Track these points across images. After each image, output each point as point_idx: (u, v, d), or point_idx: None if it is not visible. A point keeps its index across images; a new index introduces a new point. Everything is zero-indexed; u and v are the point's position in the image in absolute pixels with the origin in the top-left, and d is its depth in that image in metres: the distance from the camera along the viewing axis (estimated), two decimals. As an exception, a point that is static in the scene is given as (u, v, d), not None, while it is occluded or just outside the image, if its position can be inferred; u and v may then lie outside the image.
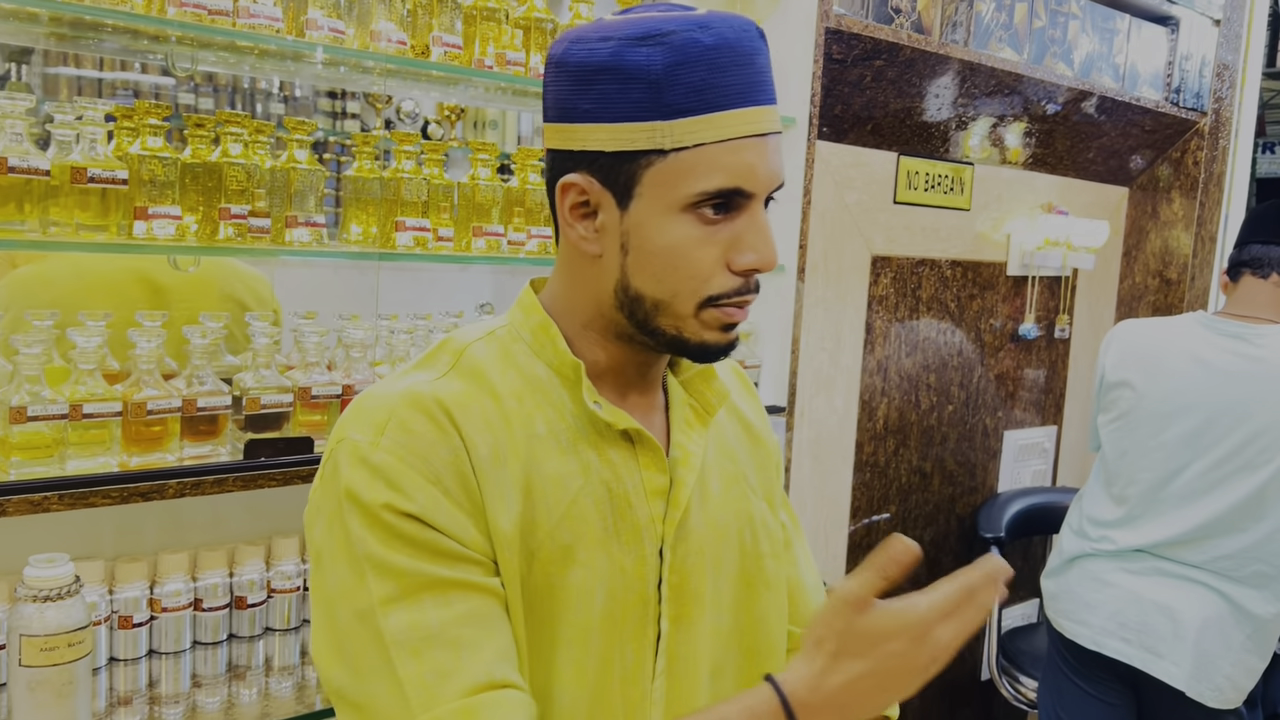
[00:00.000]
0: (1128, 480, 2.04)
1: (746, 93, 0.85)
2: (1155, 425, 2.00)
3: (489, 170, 1.91)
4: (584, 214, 0.89)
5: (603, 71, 0.84)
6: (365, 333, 1.73)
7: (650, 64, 0.83)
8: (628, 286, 0.88)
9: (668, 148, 0.83)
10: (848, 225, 2.43)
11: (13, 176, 1.37)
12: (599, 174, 0.87)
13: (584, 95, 0.86)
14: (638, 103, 0.83)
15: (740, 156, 0.84)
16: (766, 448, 1.11)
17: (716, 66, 0.83)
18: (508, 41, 1.84)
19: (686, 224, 0.85)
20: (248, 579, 1.68)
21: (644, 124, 0.84)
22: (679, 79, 0.83)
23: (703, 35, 0.83)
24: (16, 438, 1.38)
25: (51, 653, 1.31)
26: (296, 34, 1.64)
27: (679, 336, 0.89)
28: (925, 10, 2.37)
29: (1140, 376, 2.04)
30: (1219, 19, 3.11)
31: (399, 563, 0.81)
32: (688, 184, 0.84)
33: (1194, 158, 3.11)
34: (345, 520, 0.83)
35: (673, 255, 0.86)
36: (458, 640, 0.80)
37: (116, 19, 1.47)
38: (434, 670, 0.79)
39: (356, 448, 0.84)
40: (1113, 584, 2.02)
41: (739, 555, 1.02)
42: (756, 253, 0.86)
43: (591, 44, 0.86)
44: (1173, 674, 1.92)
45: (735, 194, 0.85)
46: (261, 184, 1.63)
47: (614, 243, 0.88)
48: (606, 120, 0.85)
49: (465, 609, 0.82)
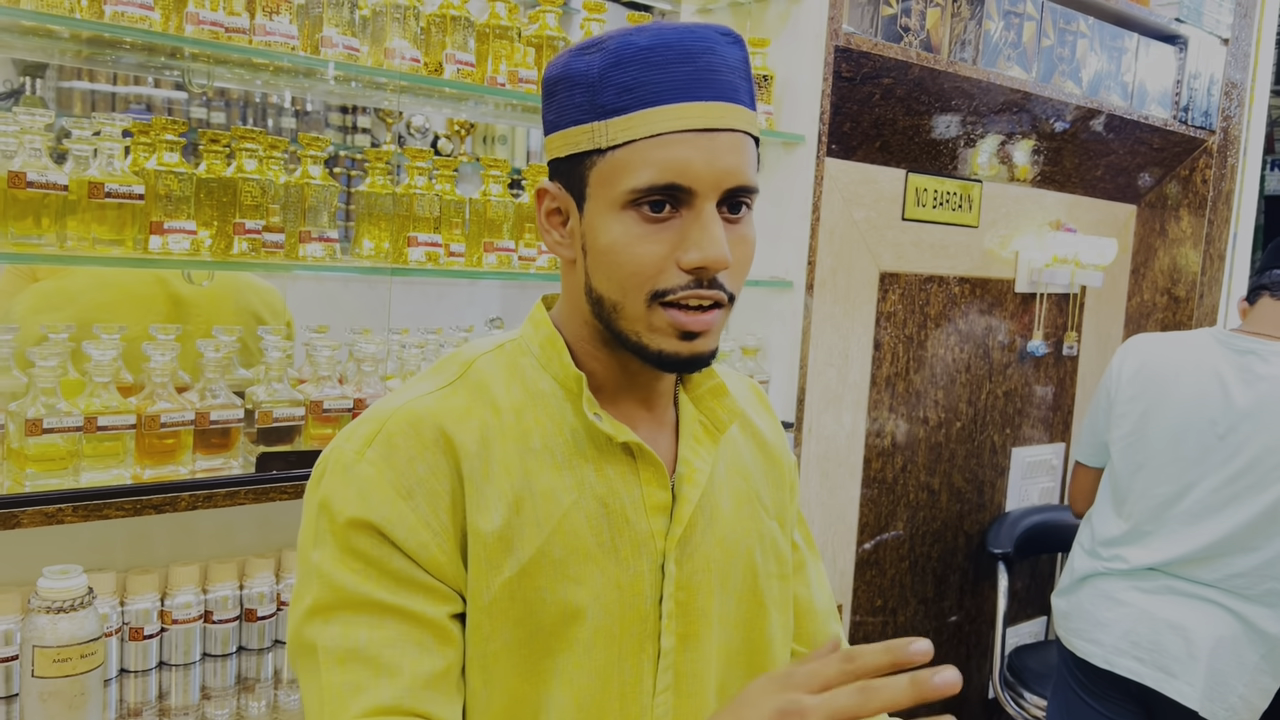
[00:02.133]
0: (1140, 496, 2.03)
1: (685, 88, 0.84)
2: (1170, 441, 1.99)
3: (500, 186, 1.92)
4: (560, 220, 0.93)
5: (558, 82, 0.89)
6: (377, 347, 1.74)
7: (589, 69, 0.86)
8: (591, 288, 0.90)
9: (604, 146, 0.85)
10: (856, 242, 2.44)
11: (31, 191, 1.38)
12: (562, 179, 0.91)
13: (549, 107, 0.91)
14: (579, 106, 0.87)
15: (672, 152, 0.83)
16: (782, 467, 1.11)
17: (650, 64, 0.84)
18: (520, 59, 1.85)
19: (627, 221, 0.86)
20: (257, 591, 1.69)
21: (584, 126, 0.87)
22: (611, 79, 0.85)
23: (639, 37, 0.85)
24: (32, 449, 1.39)
25: (64, 664, 1.31)
26: (312, 51, 1.65)
27: (639, 342, 0.89)
28: (934, 29, 2.38)
29: (1156, 392, 2.03)
30: (1227, 38, 3.12)
31: (344, 579, 0.86)
32: (621, 181, 0.85)
33: (1202, 175, 3.11)
34: (316, 525, 0.88)
35: (615, 253, 0.86)
36: (378, 660, 0.84)
37: (136, 36, 1.49)
38: (350, 683, 0.83)
39: (343, 456, 0.89)
40: (1125, 602, 2.01)
41: (747, 573, 1.02)
42: (700, 250, 0.84)
43: (556, 60, 0.91)
44: (1186, 694, 1.91)
45: (672, 189, 0.84)
46: (276, 199, 1.65)
47: (579, 246, 0.91)
48: (561, 127, 0.89)
49: (395, 633, 0.85)
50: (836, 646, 0.75)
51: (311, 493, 0.91)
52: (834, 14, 2.13)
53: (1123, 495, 2.07)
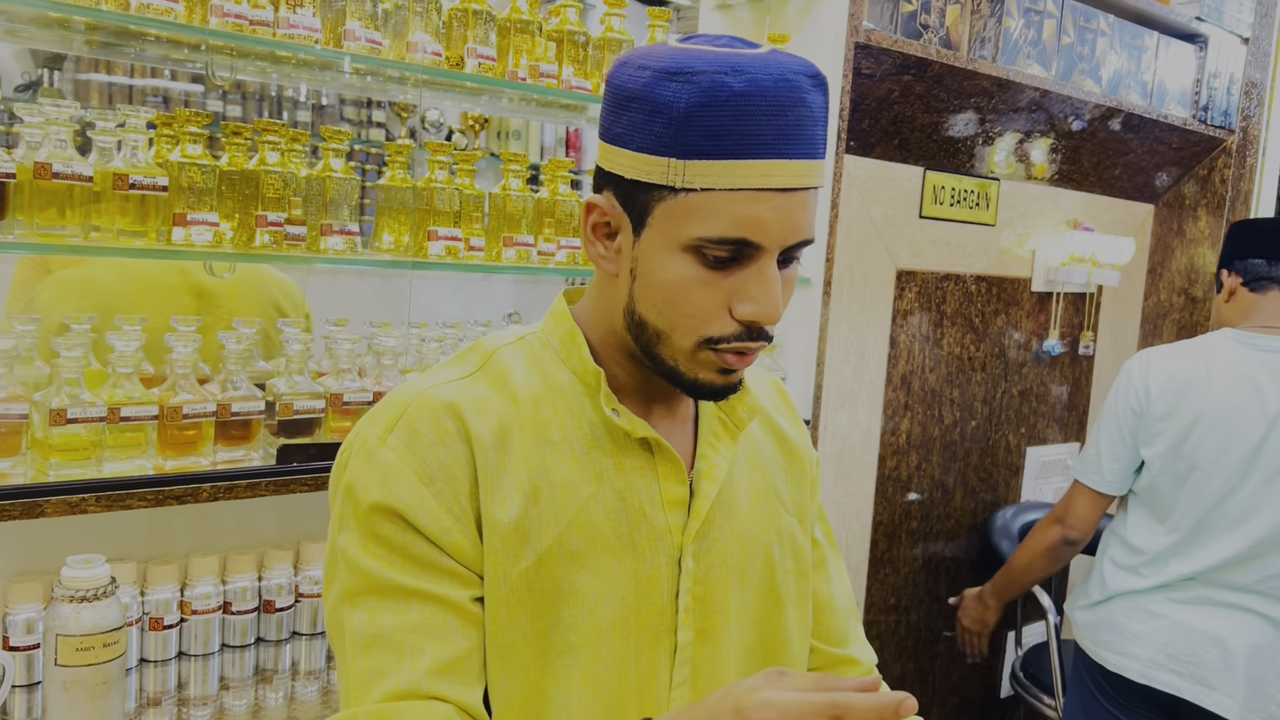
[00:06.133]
0: (1189, 506, 1.98)
1: (772, 144, 0.82)
2: (1216, 448, 1.95)
3: (520, 181, 1.92)
4: (606, 233, 0.91)
5: (635, 99, 0.85)
6: (397, 340, 1.75)
7: (675, 100, 0.81)
8: (634, 311, 0.90)
9: (678, 186, 0.83)
10: (873, 239, 2.44)
11: (56, 182, 1.39)
12: (621, 198, 0.88)
13: (618, 119, 0.87)
14: (659, 136, 0.83)
15: (750, 209, 0.82)
16: (803, 464, 1.11)
17: (741, 114, 0.81)
18: (541, 54, 1.85)
19: (687, 264, 0.85)
20: (276, 583, 1.69)
21: (661, 158, 0.83)
22: (699, 121, 0.81)
23: (733, 80, 0.80)
24: (56, 439, 1.39)
25: (87, 653, 1.32)
26: (334, 44, 1.66)
27: (675, 369, 0.89)
28: (954, 26, 2.37)
29: (1193, 402, 1.98)
30: (1247, 37, 3.10)
31: (369, 564, 0.87)
32: (691, 226, 0.83)
33: (1221, 175, 3.10)
34: (341, 510, 0.90)
35: (672, 291, 0.86)
36: (402, 645, 0.85)
37: (160, 29, 1.49)
38: (374, 668, 0.85)
39: (366, 442, 0.90)
40: (1159, 615, 1.97)
41: (765, 570, 1.02)
42: (757, 305, 0.84)
43: (632, 69, 0.86)
44: (1225, 705, 1.89)
45: (741, 244, 0.83)
46: (298, 192, 1.65)
47: (627, 267, 0.89)
48: (632, 148, 0.85)
49: (420, 617, 0.86)
50: (876, 686, 0.73)
51: (337, 478, 0.92)
52: (854, 10, 2.12)
53: (1166, 509, 2.02)
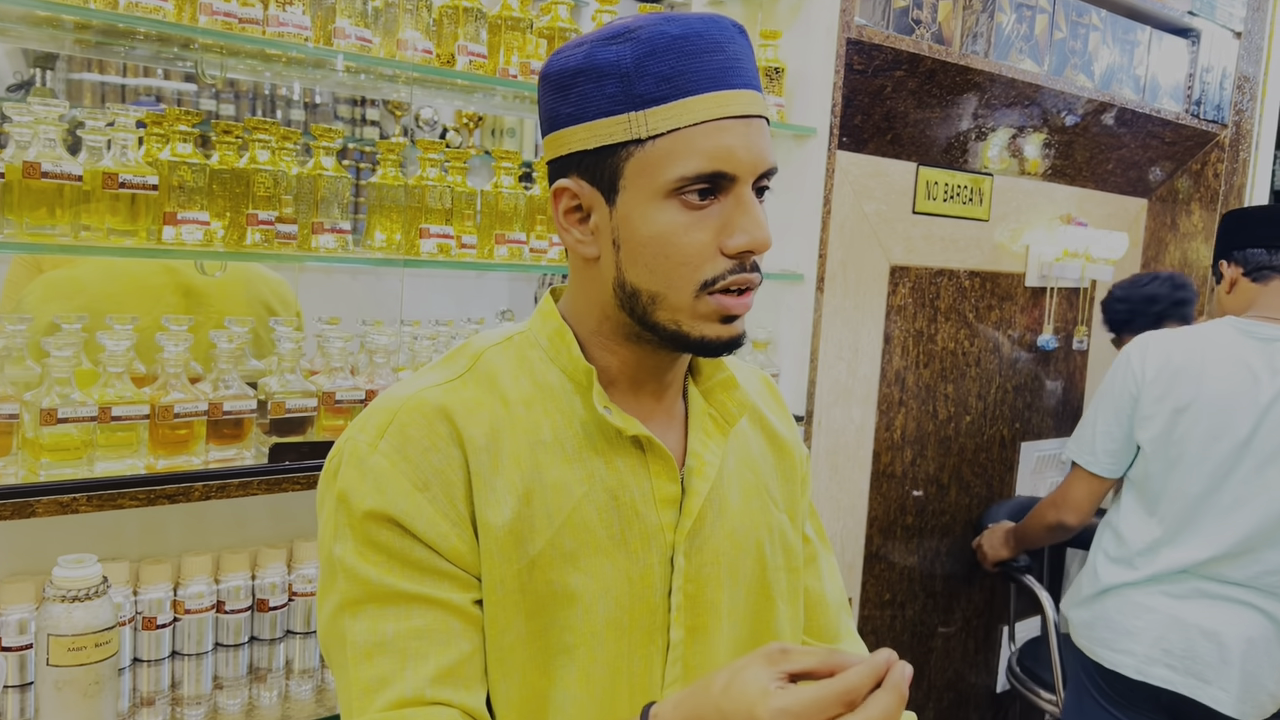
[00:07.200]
0: (1175, 495, 1.96)
1: (719, 77, 0.85)
2: (1205, 436, 1.94)
3: (512, 178, 1.92)
4: (579, 218, 0.91)
5: (579, 74, 0.87)
6: (389, 338, 1.74)
7: (620, 59, 0.85)
8: (624, 282, 0.89)
9: (644, 136, 0.85)
10: (866, 235, 2.44)
11: (45, 181, 1.38)
12: (585, 174, 0.89)
13: (564, 100, 0.89)
14: (612, 97, 0.85)
15: (717, 139, 0.85)
16: (793, 460, 1.11)
17: (685, 54, 0.85)
18: (532, 51, 1.85)
19: (672, 210, 0.86)
20: (269, 582, 1.69)
21: (619, 116, 0.85)
22: (648, 69, 0.84)
23: (669, 27, 0.85)
24: (46, 439, 1.39)
25: (79, 653, 1.32)
26: (325, 42, 1.65)
27: (679, 331, 0.89)
28: (946, 21, 2.37)
29: (1186, 387, 1.96)
30: (1240, 31, 3.11)
31: (368, 572, 0.86)
32: (667, 170, 0.85)
33: (1214, 170, 3.10)
34: (335, 519, 0.89)
35: (661, 243, 0.86)
36: (405, 652, 0.85)
37: (149, 27, 1.49)
38: (377, 677, 0.85)
39: (357, 448, 0.89)
40: (1153, 609, 1.96)
41: (756, 567, 1.02)
42: (747, 233, 0.86)
43: (567, 52, 0.89)
44: (1221, 699, 1.88)
45: (717, 177, 0.85)
46: (289, 190, 1.65)
47: (607, 240, 0.89)
48: (586, 119, 0.87)
49: (422, 623, 0.86)
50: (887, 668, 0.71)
51: (327, 486, 0.91)
52: (846, 6, 2.12)
53: (1155, 497, 2.00)
